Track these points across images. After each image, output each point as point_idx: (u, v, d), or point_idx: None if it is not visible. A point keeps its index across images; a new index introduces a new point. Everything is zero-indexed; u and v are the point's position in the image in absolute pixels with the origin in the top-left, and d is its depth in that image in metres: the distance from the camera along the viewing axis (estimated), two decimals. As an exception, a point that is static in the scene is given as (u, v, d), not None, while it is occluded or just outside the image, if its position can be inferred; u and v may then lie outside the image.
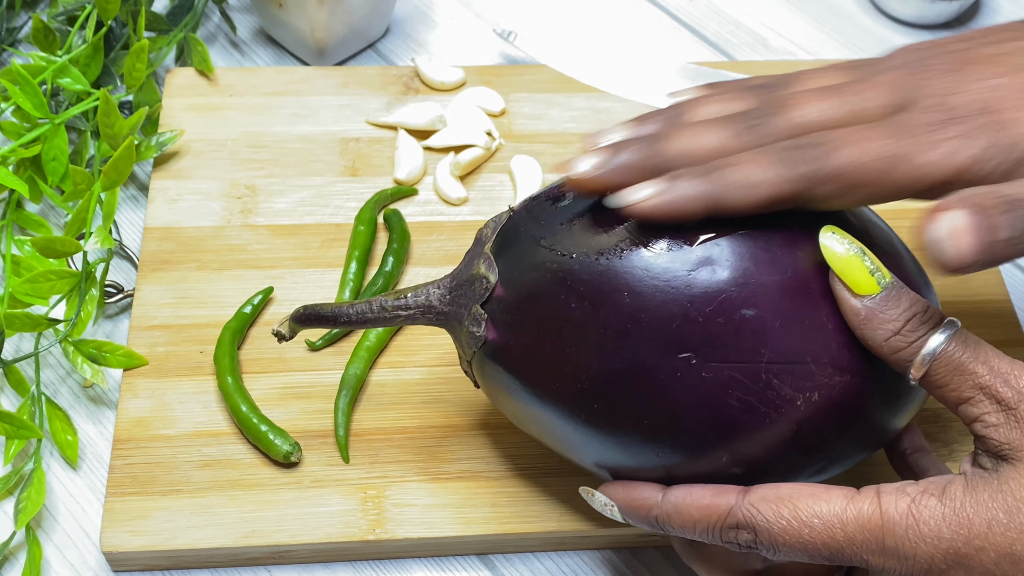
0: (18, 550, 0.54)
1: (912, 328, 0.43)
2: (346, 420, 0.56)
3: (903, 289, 0.43)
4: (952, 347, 0.42)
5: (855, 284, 0.43)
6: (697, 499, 0.44)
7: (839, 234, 0.43)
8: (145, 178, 0.67)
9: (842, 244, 0.43)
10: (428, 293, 0.49)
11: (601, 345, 0.44)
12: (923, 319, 0.43)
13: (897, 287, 0.43)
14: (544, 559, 0.55)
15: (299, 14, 0.70)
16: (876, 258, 0.44)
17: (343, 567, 0.54)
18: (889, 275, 0.43)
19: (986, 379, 0.42)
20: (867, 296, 0.43)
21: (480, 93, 0.70)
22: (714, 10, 0.80)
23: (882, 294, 0.43)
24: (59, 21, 0.70)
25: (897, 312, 0.43)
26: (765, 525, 0.43)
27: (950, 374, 0.42)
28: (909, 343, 0.43)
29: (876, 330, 0.43)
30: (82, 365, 0.57)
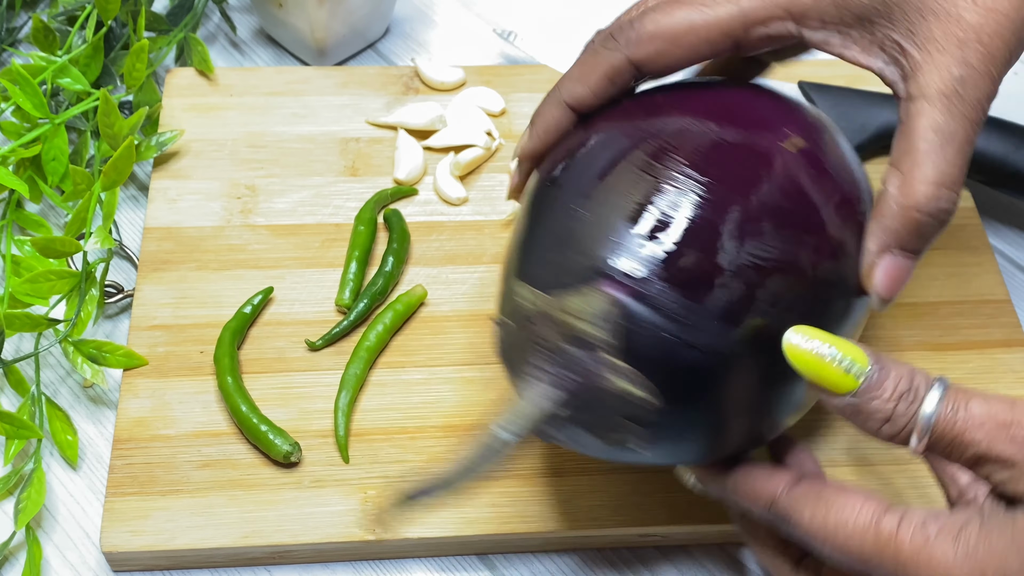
0: (18, 550, 0.54)
1: (902, 410, 0.41)
2: (346, 420, 0.56)
3: (883, 370, 0.42)
4: (945, 414, 0.41)
5: (832, 386, 0.42)
6: (752, 480, 0.46)
7: (802, 334, 0.42)
8: (145, 178, 0.67)
9: (808, 344, 0.42)
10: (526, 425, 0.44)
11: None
12: (910, 396, 0.41)
13: (876, 371, 0.42)
14: (544, 559, 0.55)
15: (299, 14, 0.70)
16: (846, 343, 0.42)
17: (343, 567, 0.54)
18: (865, 360, 0.42)
19: (983, 446, 0.41)
20: (848, 393, 0.42)
21: (480, 93, 0.70)
22: (714, 10, 0.80)
23: (863, 386, 0.42)
24: (59, 21, 0.70)
25: (882, 399, 0.41)
26: (800, 521, 0.43)
27: (948, 446, 0.41)
28: (903, 426, 0.41)
29: (867, 422, 0.42)
30: (82, 365, 0.57)
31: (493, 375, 0.58)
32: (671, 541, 0.55)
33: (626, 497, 0.55)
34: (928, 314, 0.62)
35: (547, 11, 0.79)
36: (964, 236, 0.66)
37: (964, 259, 0.64)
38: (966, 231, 0.66)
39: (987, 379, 0.60)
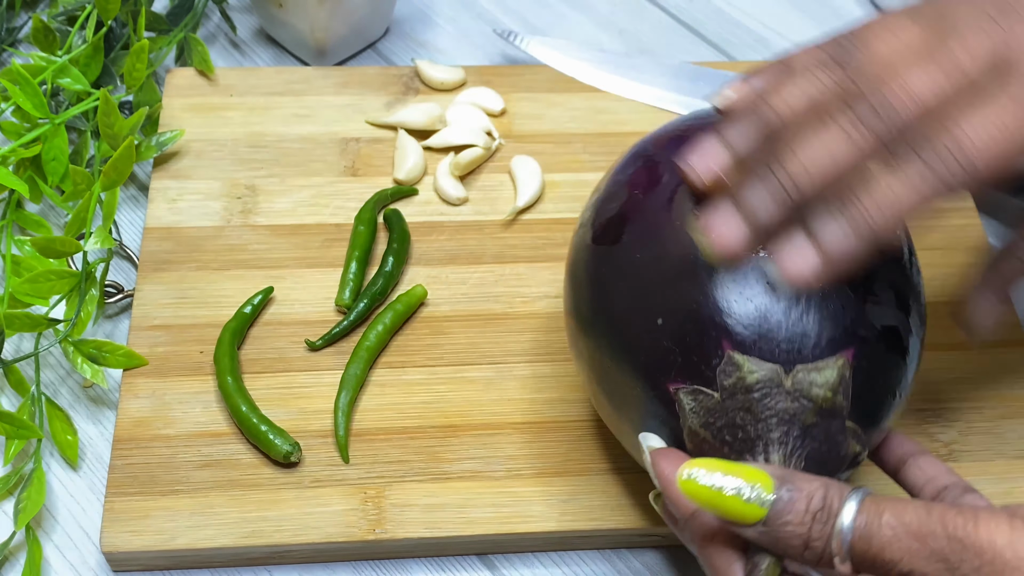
0: (18, 550, 0.54)
1: (818, 532, 0.38)
2: (346, 420, 0.56)
3: (792, 491, 0.39)
4: (860, 529, 0.38)
5: (740, 518, 0.39)
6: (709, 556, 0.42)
7: (697, 467, 0.40)
8: (145, 178, 0.67)
9: (706, 479, 0.39)
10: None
11: None
12: (824, 515, 0.39)
13: (784, 494, 0.39)
14: (544, 559, 0.55)
15: (299, 14, 0.70)
16: (747, 469, 0.39)
17: (343, 567, 0.54)
18: (770, 485, 0.39)
19: (904, 564, 0.37)
20: (758, 522, 0.39)
21: (480, 93, 0.70)
22: (714, 10, 0.80)
23: (771, 513, 0.39)
24: (59, 21, 0.70)
25: (795, 523, 0.39)
26: None
27: (872, 567, 0.38)
28: (823, 548, 0.39)
29: (787, 550, 0.39)
30: (82, 365, 0.57)
31: (493, 375, 0.58)
32: (671, 541, 0.55)
33: (626, 497, 0.55)
34: (928, 314, 0.62)
35: (547, 11, 0.79)
36: (964, 236, 0.66)
37: (964, 259, 0.64)
38: (966, 231, 0.66)
39: (987, 379, 0.60)
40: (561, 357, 0.59)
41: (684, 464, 0.40)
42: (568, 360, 0.59)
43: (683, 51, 0.77)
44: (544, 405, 0.58)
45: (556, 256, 0.63)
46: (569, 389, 0.58)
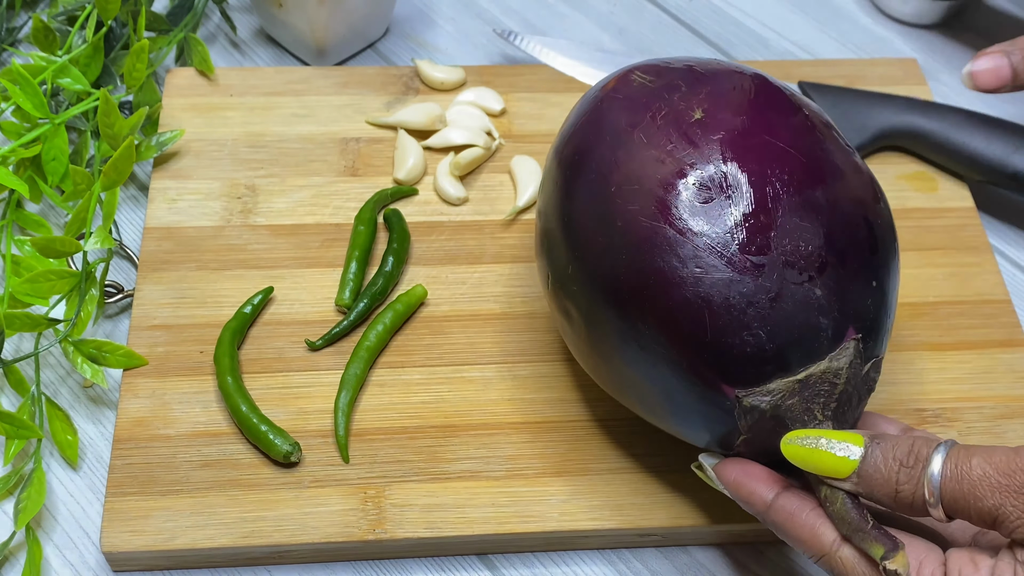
0: (18, 550, 0.54)
1: (906, 478, 0.42)
2: (346, 420, 0.56)
3: (880, 445, 0.43)
4: (949, 474, 0.41)
5: (834, 472, 0.44)
6: (800, 526, 0.45)
7: (795, 436, 0.45)
8: (145, 178, 0.67)
9: (800, 442, 0.44)
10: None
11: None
12: (910, 461, 0.43)
13: (872, 448, 0.43)
14: (544, 559, 0.55)
15: (299, 14, 0.70)
16: (837, 432, 0.44)
17: (343, 567, 0.54)
18: (861, 440, 0.44)
19: (991, 502, 0.41)
20: (852, 474, 0.43)
21: (480, 93, 0.70)
22: (714, 10, 0.80)
23: (862, 465, 0.43)
24: (59, 21, 0.70)
25: (884, 472, 0.43)
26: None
27: (963, 509, 0.41)
28: (912, 492, 0.42)
29: (880, 497, 0.43)
30: (82, 365, 0.57)
31: (493, 375, 0.58)
32: (671, 541, 0.55)
33: (626, 497, 0.55)
34: (928, 314, 0.62)
35: (547, 12, 0.79)
36: (964, 236, 0.66)
37: (964, 259, 0.64)
38: (966, 231, 0.66)
39: (987, 379, 0.60)
40: (561, 357, 0.59)
41: (787, 434, 0.45)
42: (568, 360, 0.59)
43: (683, 51, 0.77)
44: (544, 405, 0.58)
45: (556, 256, 0.63)
46: (569, 389, 0.58)
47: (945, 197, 0.67)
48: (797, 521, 0.45)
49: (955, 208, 0.67)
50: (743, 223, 0.46)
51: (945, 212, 0.67)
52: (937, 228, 0.66)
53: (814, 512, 0.45)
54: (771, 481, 0.47)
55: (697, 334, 0.46)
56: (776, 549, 0.56)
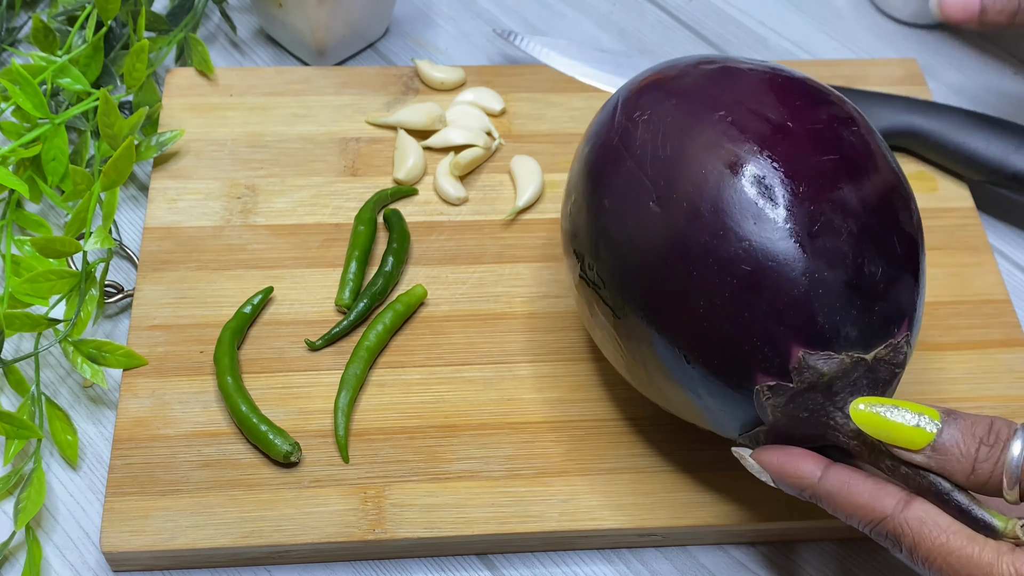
0: (18, 550, 0.54)
1: (984, 455, 0.42)
2: (346, 420, 0.56)
3: (957, 420, 0.43)
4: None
5: (908, 443, 0.43)
6: (856, 494, 0.44)
7: (867, 402, 0.44)
8: (145, 178, 0.67)
9: (874, 413, 0.43)
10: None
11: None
12: (990, 440, 0.42)
13: (950, 423, 0.43)
14: (544, 559, 0.55)
15: (299, 14, 0.70)
16: (914, 404, 0.43)
17: (343, 567, 0.54)
18: (936, 414, 0.43)
19: None
20: (926, 447, 0.42)
21: (480, 93, 0.70)
22: (714, 10, 0.80)
23: (938, 439, 0.42)
24: (59, 21, 0.70)
25: (962, 448, 0.42)
26: (912, 545, 0.42)
27: None
28: (989, 472, 0.42)
29: (954, 473, 0.42)
30: (82, 365, 0.57)
31: (493, 375, 0.58)
32: (671, 541, 0.55)
33: (626, 497, 0.55)
34: (928, 314, 0.62)
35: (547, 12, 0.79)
36: (964, 236, 0.66)
37: (964, 259, 0.64)
38: (966, 231, 0.66)
39: (987, 379, 0.60)
40: (561, 357, 0.59)
41: (857, 400, 0.44)
42: (568, 360, 0.59)
43: (683, 51, 0.77)
44: (544, 405, 0.58)
45: (556, 256, 0.63)
46: (569, 389, 0.58)
47: (945, 197, 0.68)
48: (855, 487, 0.44)
49: (955, 208, 0.67)
50: (793, 212, 0.46)
51: (945, 212, 0.67)
52: (937, 228, 0.66)
53: (872, 478, 0.44)
54: (817, 458, 0.46)
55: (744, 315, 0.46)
56: (776, 549, 0.56)
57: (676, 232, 0.47)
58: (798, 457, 0.46)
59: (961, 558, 0.41)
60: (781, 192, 0.46)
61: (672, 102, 0.50)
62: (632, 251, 0.48)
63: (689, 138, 0.48)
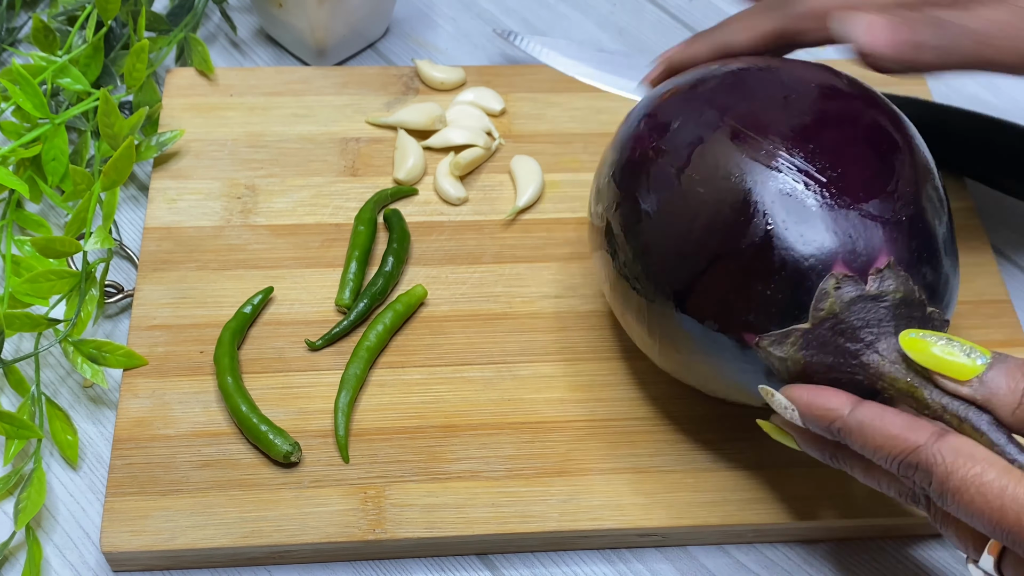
0: (18, 550, 0.54)
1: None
2: (346, 420, 0.56)
3: (1007, 358, 0.43)
4: None
5: (957, 373, 0.43)
6: (887, 425, 0.44)
7: (918, 332, 0.44)
8: (145, 178, 0.67)
9: (927, 341, 0.44)
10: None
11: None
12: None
13: (998, 360, 0.43)
14: (544, 559, 0.55)
15: (299, 14, 0.70)
16: (963, 339, 0.44)
17: (343, 567, 0.54)
18: (986, 350, 0.43)
19: None
20: (974, 378, 0.43)
21: (480, 93, 0.70)
22: (714, 10, 0.80)
23: (987, 372, 0.43)
24: (59, 21, 0.70)
25: (1011, 383, 0.42)
26: (945, 476, 0.42)
27: None
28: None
29: (998, 408, 0.42)
30: (82, 365, 0.57)
31: (493, 375, 0.58)
32: (671, 541, 0.55)
33: (626, 497, 0.55)
34: (928, 314, 0.62)
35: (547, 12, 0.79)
36: (964, 236, 0.65)
37: (964, 259, 0.64)
38: (966, 231, 0.66)
39: (987, 379, 0.60)
40: (561, 357, 0.59)
41: (906, 331, 0.45)
42: (568, 360, 0.59)
43: (683, 51, 0.77)
44: (544, 405, 0.58)
45: (556, 256, 0.63)
46: (569, 389, 0.58)
47: (945, 197, 0.68)
48: (888, 418, 0.44)
49: (955, 208, 0.67)
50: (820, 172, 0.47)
51: (945, 212, 0.67)
52: (937, 228, 0.66)
53: (904, 413, 0.44)
54: (846, 394, 0.46)
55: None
56: (776, 549, 0.56)
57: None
58: (828, 391, 0.46)
59: (995, 489, 0.41)
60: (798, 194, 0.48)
61: (703, 107, 0.51)
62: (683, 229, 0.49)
63: (722, 144, 0.49)
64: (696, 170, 0.49)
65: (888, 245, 0.47)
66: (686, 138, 0.50)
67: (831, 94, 0.51)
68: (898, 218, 0.47)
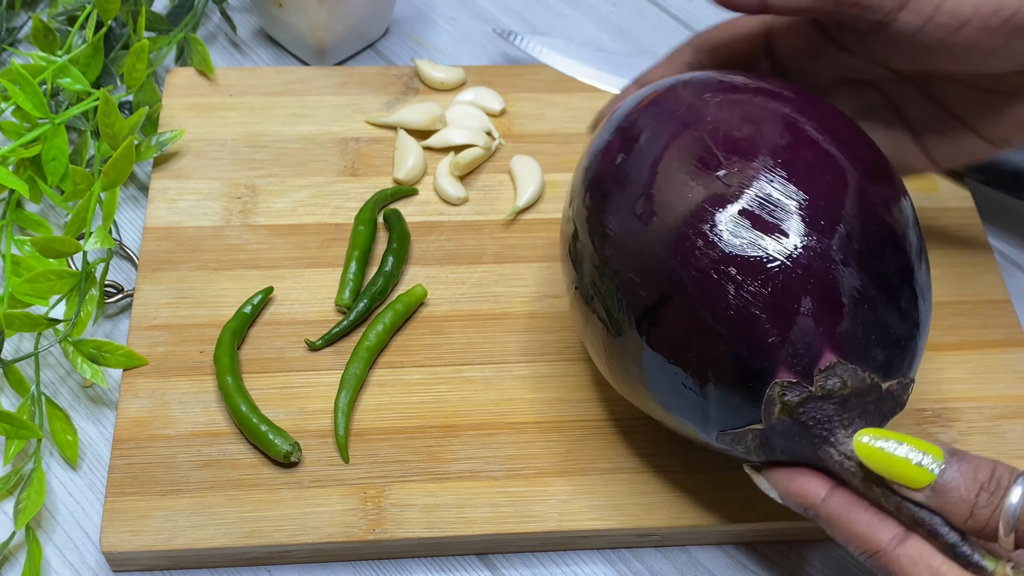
0: (18, 550, 0.54)
1: (984, 503, 0.42)
2: (346, 420, 0.56)
3: (960, 463, 0.42)
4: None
5: (909, 481, 0.43)
6: (854, 522, 0.44)
7: (872, 435, 0.43)
8: (145, 178, 0.67)
9: (879, 443, 0.43)
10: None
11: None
12: (991, 486, 0.42)
13: (953, 465, 0.42)
14: (544, 559, 0.55)
15: (299, 14, 0.70)
16: (919, 441, 0.43)
17: (343, 567, 0.54)
18: (940, 454, 0.43)
19: None
20: (927, 486, 0.42)
21: (480, 93, 0.70)
22: (714, 10, 0.80)
23: (940, 480, 0.42)
24: (59, 21, 0.70)
25: (962, 491, 0.42)
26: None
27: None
28: (987, 517, 0.42)
29: (952, 516, 0.42)
30: (82, 365, 0.57)
31: (493, 375, 0.58)
32: (671, 541, 0.55)
33: (626, 497, 0.55)
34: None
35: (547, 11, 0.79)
36: (964, 236, 0.66)
37: (964, 259, 0.64)
38: (966, 231, 0.66)
39: (987, 379, 0.60)
40: (561, 357, 0.59)
41: (862, 431, 0.44)
42: (568, 360, 0.59)
43: (683, 51, 0.77)
44: (543, 405, 0.58)
45: (556, 256, 0.63)
46: (569, 389, 0.58)
47: (945, 197, 0.67)
48: (855, 515, 0.44)
49: (955, 208, 0.67)
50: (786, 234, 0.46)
51: (945, 212, 0.67)
52: (937, 228, 0.66)
53: (872, 509, 0.44)
54: (823, 479, 0.46)
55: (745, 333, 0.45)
56: (776, 549, 0.56)
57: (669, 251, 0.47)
58: (805, 476, 0.46)
59: None
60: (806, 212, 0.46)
61: (676, 123, 0.49)
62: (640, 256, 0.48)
63: (691, 160, 0.48)
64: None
65: (832, 342, 0.45)
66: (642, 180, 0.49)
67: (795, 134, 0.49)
68: (839, 302, 0.45)
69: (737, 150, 0.47)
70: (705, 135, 0.48)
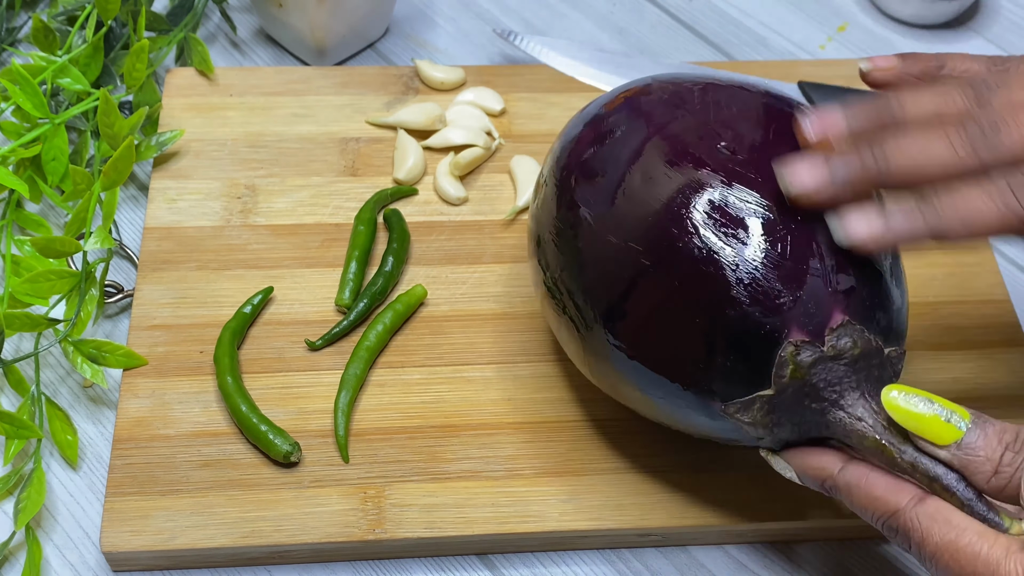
0: (18, 550, 0.54)
1: (1008, 461, 0.42)
2: (346, 420, 0.56)
3: (986, 424, 0.43)
4: None
5: (936, 437, 0.43)
6: (871, 487, 0.45)
7: (901, 391, 0.44)
8: (145, 178, 0.67)
9: (909, 401, 0.43)
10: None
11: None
12: (1016, 446, 0.42)
13: (979, 424, 0.43)
14: (544, 559, 0.55)
15: (299, 14, 0.70)
16: (947, 401, 0.44)
17: (343, 567, 0.54)
18: (967, 414, 0.43)
19: None
20: (952, 443, 0.43)
21: (480, 93, 0.70)
22: (714, 10, 0.80)
23: (966, 438, 0.43)
24: (59, 21, 0.70)
25: (987, 451, 0.42)
26: (921, 541, 0.43)
27: None
28: (1009, 477, 0.42)
29: (975, 474, 0.43)
30: (82, 365, 0.57)
31: (492, 375, 0.58)
32: (671, 541, 0.55)
33: (626, 497, 0.55)
34: (928, 314, 0.62)
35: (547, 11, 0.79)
36: (964, 236, 0.65)
37: (964, 259, 0.64)
38: (966, 231, 0.66)
39: (987, 379, 0.60)
40: (561, 357, 0.59)
41: (889, 386, 0.44)
42: (568, 360, 0.59)
43: (683, 51, 0.77)
44: (544, 405, 0.58)
45: (556, 256, 0.63)
46: (569, 389, 0.58)
47: (945, 197, 0.67)
48: (873, 479, 0.45)
49: (955, 208, 0.67)
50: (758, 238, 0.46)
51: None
52: (937, 228, 0.66)
53: (889, 474, 0.45)
54: (837, 453, 0.47)
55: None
56: (776, 549, 0.56)
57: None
58: (820, 451, 0.47)
59: (968, 555, 0.41)
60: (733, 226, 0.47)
61: (648, 121, 0.50)
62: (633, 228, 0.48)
63: (699, 130, 0.49)
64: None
65: (841, 302, 0.46)
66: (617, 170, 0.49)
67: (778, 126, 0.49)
68: (848, 271, 0.46)
69: (733, 126, 0.48)
70: (708, 115, 0.49)
